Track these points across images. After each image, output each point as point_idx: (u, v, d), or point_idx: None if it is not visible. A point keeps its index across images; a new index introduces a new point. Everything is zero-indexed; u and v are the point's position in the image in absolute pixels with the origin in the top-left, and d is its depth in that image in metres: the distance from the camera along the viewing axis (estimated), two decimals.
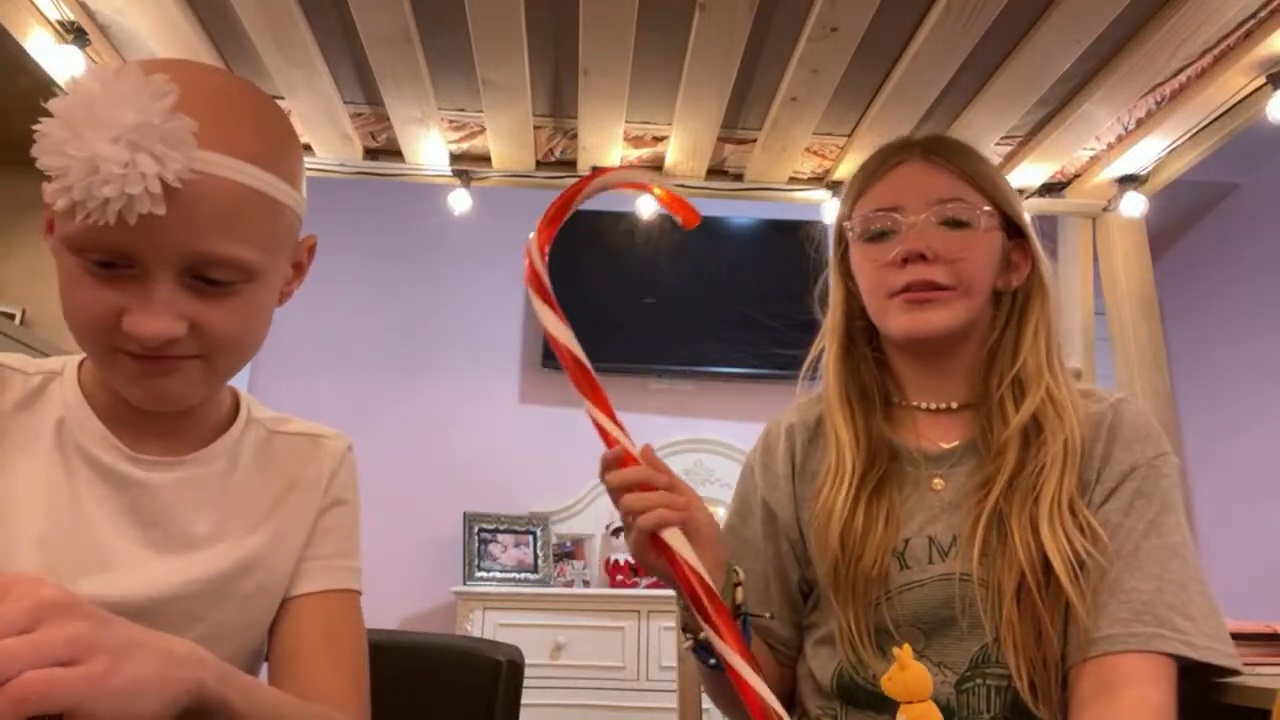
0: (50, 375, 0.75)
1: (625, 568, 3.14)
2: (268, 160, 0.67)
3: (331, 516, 0.83)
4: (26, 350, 1.77)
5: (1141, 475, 0.89)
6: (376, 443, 3.37)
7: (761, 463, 1.06)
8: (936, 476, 0.95)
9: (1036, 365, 0.94)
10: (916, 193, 0.95)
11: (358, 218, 3.64)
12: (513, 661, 1.05)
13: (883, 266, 0.95)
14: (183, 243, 0.63)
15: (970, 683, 0.88)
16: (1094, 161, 2.46)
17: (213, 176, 0.63)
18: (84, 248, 0.63)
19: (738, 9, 1.84)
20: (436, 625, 3.27)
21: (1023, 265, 0.99)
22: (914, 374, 1.00)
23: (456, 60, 2.09)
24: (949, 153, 0.98)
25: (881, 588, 0.91)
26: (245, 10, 1.89)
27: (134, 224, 0.60)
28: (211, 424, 0.80)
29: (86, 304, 0.65)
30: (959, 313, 0.93)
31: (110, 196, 0.58)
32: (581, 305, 3.62)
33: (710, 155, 2.47)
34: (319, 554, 0.82)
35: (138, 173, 0.58)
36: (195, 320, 0.66)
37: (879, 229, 0.96)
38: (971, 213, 0.94)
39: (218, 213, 0.64)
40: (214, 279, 0.66)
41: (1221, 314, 3.70)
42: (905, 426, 1.00)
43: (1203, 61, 1.99)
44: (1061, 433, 0.89)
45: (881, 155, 1.01)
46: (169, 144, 0.59)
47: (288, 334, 3.53)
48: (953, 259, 0.92)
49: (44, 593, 0.48)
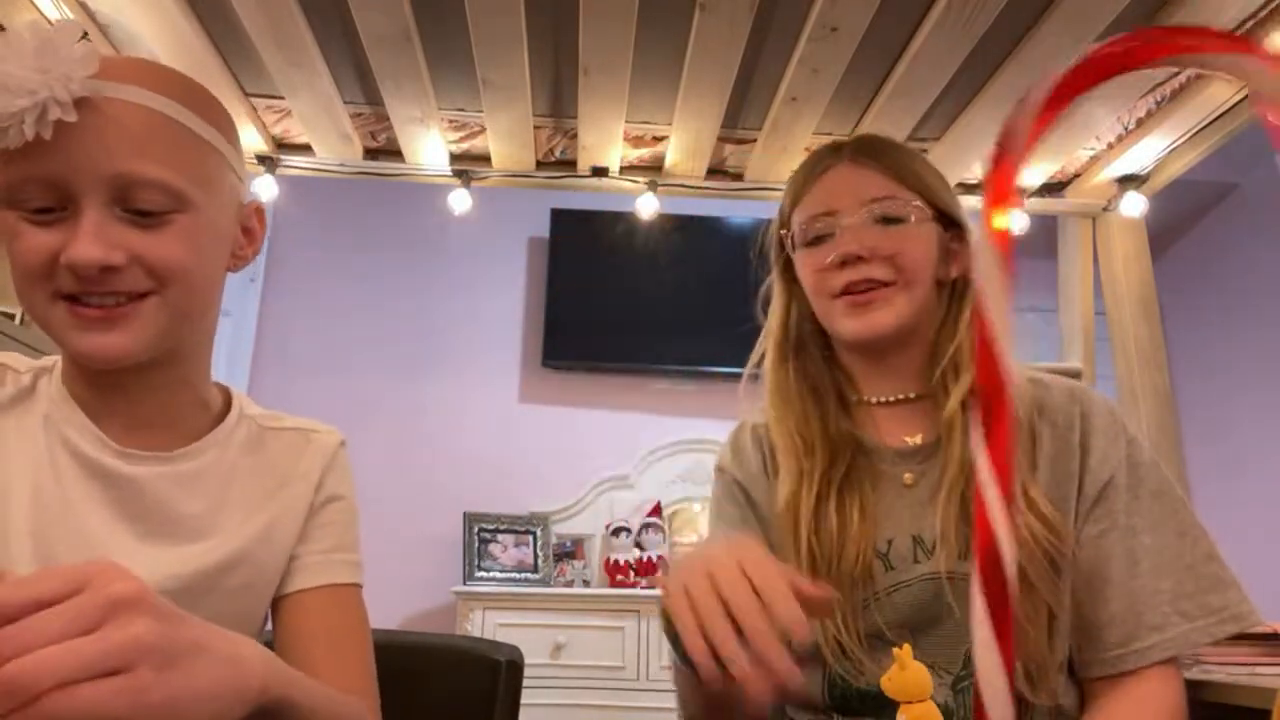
0: (41, 371, 0.76)
1: (625, 568, 3.14)
2: (184, 100, 0.71)
3: (328, 512, 0.83)
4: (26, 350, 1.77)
5: (1125, 470, 0.90)
6: (376, 442, 3.37)
7: (734, 460, 1.05)
8: (907, 472, 0.95)
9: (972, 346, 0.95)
10: (849, 195, 0.97)
11: (358, 218, 3.64)
12: (513, 661, 1.05)
13: (823, 270, 0.97)
14: (103, 163, 0.66)
15: (965, 682, 0.88)
16: (1094, 161, 2.46)
17: (126, 102, 0.67)
18: (16, 187, 0.66)
19: (738, 9, 1.84)
20: (436, 625, 3.27)
21: (962, 254, 1.00)
22: (866, 370, 1.01)
23: (456, 60, 2.10)
24: (877, 153, 0.99)
25: (868, 589, 0.90)
26: (245, 10, 1.89)
27: (53, 143, 0.63)
28: (202, 419, 0.80)
29: (26, 252, 0.66)
30: (902, 308, 0.95)
31: (24, 108, 0.62)
32: (582, 305, 3.63)
33: (710, 155, 2.47)
34: (317, 548, 0.82)
35: (45, 84, 0.62)
36: (134, 251, 0.67)
37: (816, 233, 0.98)
38: (903, 208, 0.96)
39: (135, 134, 0.67)
40: (143, 208, 0.68)
41: (1221, 314, 3.70)
42: (865, 422, 1.00)
43: None
44: None
45: (812, 161, 1.02)
46: (75, 63, 0.64)
47: (288, 333, 3.53)
48: (889, 254, 0.94)
49: (116, 588, 0.45)
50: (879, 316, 0.94)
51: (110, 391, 0.74)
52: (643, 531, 3.21)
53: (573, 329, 3.53)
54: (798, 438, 0.96)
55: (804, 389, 1.00)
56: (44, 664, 0.42)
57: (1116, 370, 2.57)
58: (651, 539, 3.19)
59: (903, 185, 0.97)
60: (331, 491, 0.84)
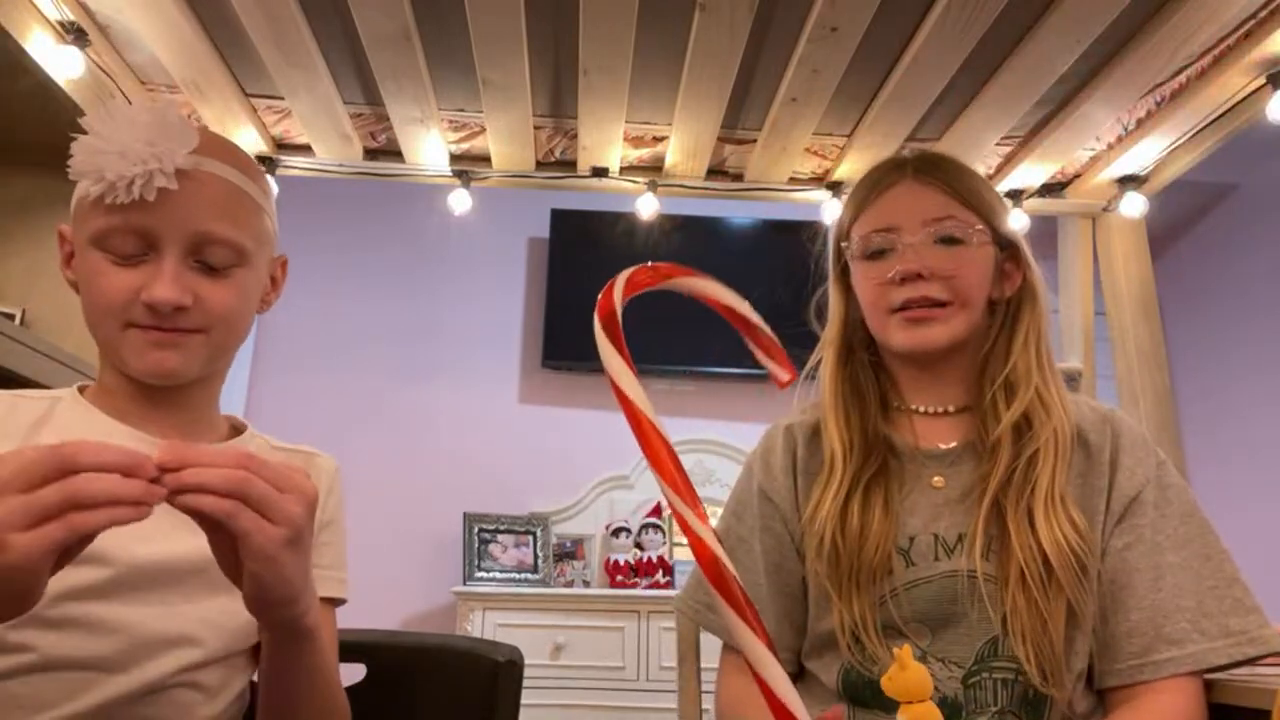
0: (55, 399, 0.85)
1: (625, 568, 3.14)
2: (246, 170, 0.86)
3: (327, 534, 0.92)
4: (26, 350, 1.77)
5: (1154, 488, 0.93)
6: (376, 442, 3.37)
7: (761, 459, 1.09)
8: (936, 474, 0.98)
9: (1026, 368, 0.98)
10: (911, 213, 0.99)
11: (358, 218, 3.64)
12: (513, 661, 1.05)
13: (882, 284, 0.99)
14: (190, 221, 0.79)
15: (977, 677, 0.89)
16: (1094, 161, 2.46)
17: (210, 174, 0.81)
18: (110, 234, 0.78)
19: (738, 9, 1.84)
20: (436, 625, 3.27)
21: (1014, 274, 1.03)
22: (912, 380, 1.04)
23: (456, 60, 2.10)
24: (940, 172, 1.02)
25: (887, 584, 0.93)
26: (245, 10, 1.89)
27: (153, 200, 0.76)
28: (219, 432, 0.91)
29: (108, 288, 0.79)
30: (956, 327, 0.98)
31: (137, 174, 0.75)
32: (582, 305, 3.62)
33: (710, 155, 2.47)
34: (318, 564, 0.88)
35: (155, 156, 0.76)
36: (199, 295, 0.80)
37: (876, 248, 1.01)
38: (964, 230, 0.98)
39: (216, 201, 0.81)
40: (212, 262, 0.81)
41: (1221, 314, 3.70)
42: (903, 427, 1.03)
43: (1202, 62, 1.99)
44: (1050, 425, 0.93)
45: (875, 176, 1.05)
46: (179, 139, 0.77)
47: (288, 333, 3.53)
48: (948, 275, 0.97)
49: (308, 483, 0.64)
50: (932, 333, 0.98)
51: (152, 405, 0.85)
52: (642, 532, 3.21)
53: (573, 329, 3.52)
54: (839, 438, 1.00)
55: (850, 392, 1.04)
56: (255, 488, 0.60)
57: (1116, 370, 2.57)
58: (651, 539, 3.19)
59: (964, 206, 0.99)
60: (331, 516, 0.93)
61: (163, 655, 0.76)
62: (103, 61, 2.06)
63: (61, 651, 0.73)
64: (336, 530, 0.94)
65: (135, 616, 0.76)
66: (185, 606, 0.78)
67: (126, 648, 0.75)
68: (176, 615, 0.77)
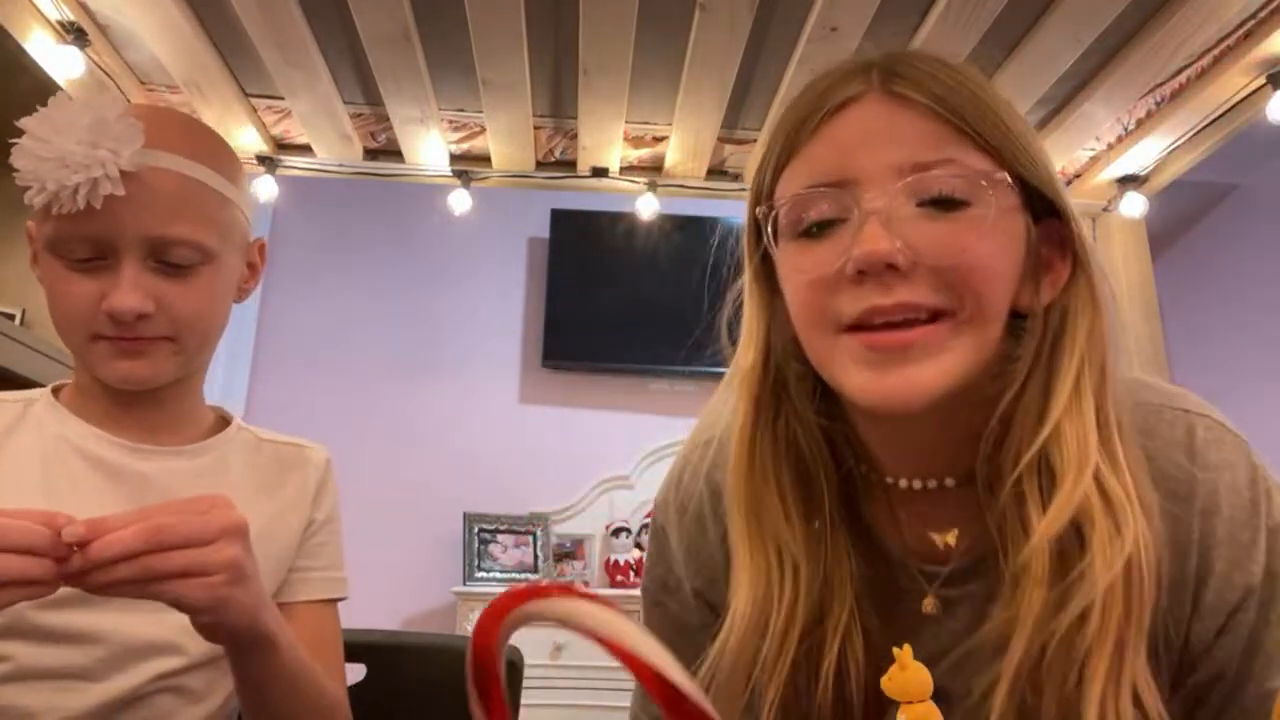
0: (29, 401, 0.83)
1: (625, 568, 3.14)
2: (210, 160, 0.79)
3: (324, 533, 0.90)
4: (26, 350, 1.77)
5: (1261, 586, 0.57)
6: (376, 443, 3.37)
7: (682, 547, 0.71)
8: (926, 595, 0.63)
9: (1078, 434, 0.55)
10: (878, 152, 0.56)
11: (358, 218, 3.64)
12: (512, 662, 1.05)
13: (824, 282, 0.57)
14: (143, 226, 0.74)
15: None
16: (1094, 161, 2.46)
17: (162, 170, 0.75)
18: (63, 242, 0.74)
19: (738, 9, 1.84)
20: (436, 625, 3.27)
21: (1059, 266, 0.59)
22: (886, 443, 0.63)
23: (456, 60, 2.10)
24: (927, 79, 0.57)
25: None
26: (245, 10, 1.89)
27: (100, 208, 0.71)
28: (201, 426, 0.88)
29: (69, 296, 0.75)
30: (959, 358, 0.55)
31: (79, 183, 0.70)
32: (582, 305, 3.63)
33: (710, 155, 2.47)
34: (315, 565, 0.88)
35: (98, 161, 0.70)
36: (162, 300, 0.76)
37: (818, 218, 0.57)
38: (971, 184, 0.55)
39: (170, 200, 0.75)
40: (174, 261, 0.76)
41: (1221, 314, 3.70)
42: (879, 513, 0.65)
43: (1203, 61, 2.00)
44: (1117, 552, 0.53)
45: (819, 90, 0.59)
46: (122, 138, 0.72)
47: (288, 333, 3.53)
48: (945, 264, 0.54)
49: (234, 515, 0.62)
50: (917, 375, 0.55)
51: (127, 406, 0.82)
52: (643, 532, 3.21)
53: (573, 329, 3.52)
54: (771, 550, 0.61)
55: (784, 467, 0.62)
56: (171, 561, 0.58)
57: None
58: None
59: (970, 140, 0.56)
60: (327, 513, 0.91)
61: (143, 663, 0.75)
62: (103, 61, 2.06)
63: (40, 661, 0.72)
64: (333, 529, 0.91)
65: (114, 625, 0.74)
66: (165, 613, 0.74)
67: (106, 656, 0.74)
68: (156, 622, 0.75)
